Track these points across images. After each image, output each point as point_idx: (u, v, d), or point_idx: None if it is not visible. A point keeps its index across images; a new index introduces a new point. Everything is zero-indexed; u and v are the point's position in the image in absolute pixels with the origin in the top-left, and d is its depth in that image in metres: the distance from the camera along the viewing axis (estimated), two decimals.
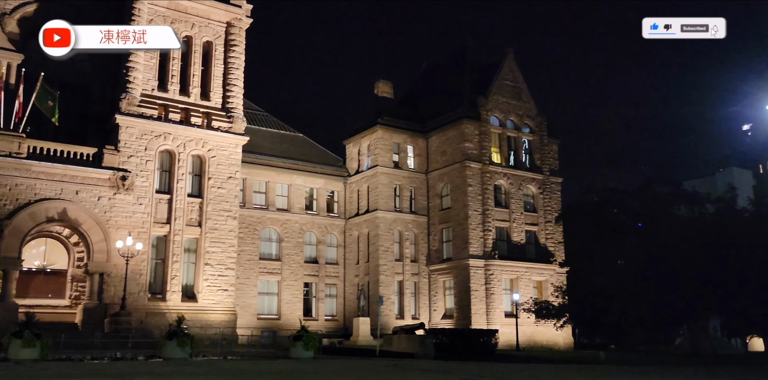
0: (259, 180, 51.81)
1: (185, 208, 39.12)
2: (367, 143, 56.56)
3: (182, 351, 25.21)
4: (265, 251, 51.20)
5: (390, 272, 52.68)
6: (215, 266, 39.31)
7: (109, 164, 36.57)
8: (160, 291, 37.74)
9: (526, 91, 58.05)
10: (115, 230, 35.94)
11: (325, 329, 48.58)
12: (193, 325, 30.22)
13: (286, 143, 55.96)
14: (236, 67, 42.46)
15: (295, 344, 27.84)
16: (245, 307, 46.88)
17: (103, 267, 35.39)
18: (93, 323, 33.81)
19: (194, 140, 39.98)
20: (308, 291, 52.88)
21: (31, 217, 33.99)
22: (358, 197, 56.07)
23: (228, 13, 42.63)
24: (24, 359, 21.85)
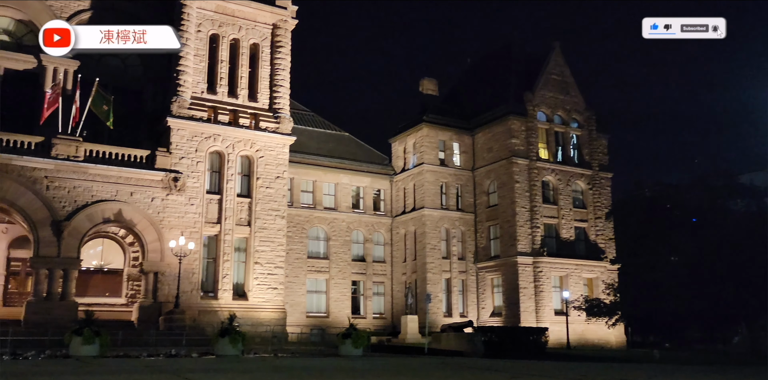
0: (307, 179, 52.34)
1: (235, 208, 39.83)
2: (413, 141, 56.54)
3: (234, 348, 25.69)
4: (313, 250, 51.73)
5: (437, 270, 52.60)
6: (265, 265, 39.92)
7: (161, 166, 37.49)
8: (212, 290, 38.53)
9: (573, 85, 57.14)
10: (168, 230, 36.84)
11: (373, 327, 48.82)
12: (244, 323, 30.78)
13: (332, 142, 56.39)
14: (282, 68, 42.98)
15: (344, 342, 28.05)
16: (294, 305, 47.48)
17: (157, 266, 36.33)
18: (148, 321, 34.74)
19: (243, 140, 40.65)
20: (356, 289, 53.22)
21: (88, 218, 35.12)
22: (404, 195, 56.12)
23: (274, 15, 43.17)
24: (84, 355, 22.60)
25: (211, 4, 41.15)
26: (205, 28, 41.04)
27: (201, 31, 40.80)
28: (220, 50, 41.37)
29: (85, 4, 39.65)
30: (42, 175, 34.34)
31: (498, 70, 58.92)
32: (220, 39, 41.52)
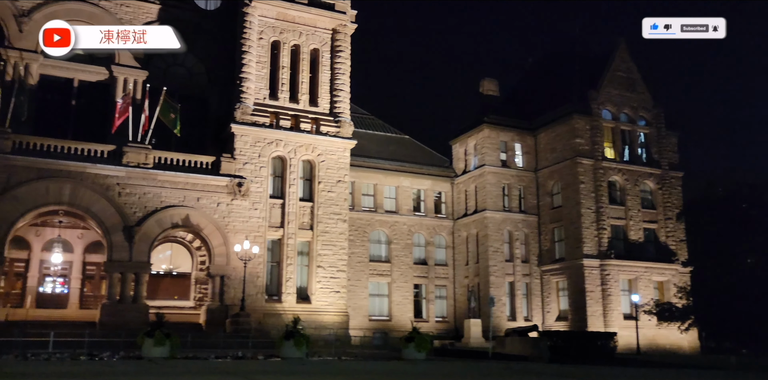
0: (367, 183, 52.54)
1: (297, 212, 40.33)
2: (474, 143, 56.04)
3: (299, 351, 25.94)
4: (375, 253, 51.85)
5: (500, 273, 51.90)
6: (327, 269, 40.25)
7: (226, 172, 38.34)
8: (276, 293, 39.09)
9: (640, 82, 55.47)
10: (233, 234, 37.61)
11: (435, 330, 48.55)
12: (308, 326, 31.02)
13: (392, 145, 56.46)
14: (342, 72, 43.32)
15: (407, 345, 27.95)
16: (357, 308, 47.68)
17: (223, 270, 37.13)
18: (215, 323, 35.54)
19: (304, 145, 41.14)
20: (418, 292, 53.04)
21: (158, 223, 36.22)
22: (465, 197, 55.66)
23: (333, 20, 43.59)
24: (156, 357, 23.23)
25: (272, 12, 41.89)
26: (267, 36, 41.78)
27: (263, 39, 41.56)
28: (281, 56, 42.05)
29: (152, 16, 40.98)
30: (114, 182, 35.65)
31: (560, 69, 57.79)
32: (281, 45, 42.19)
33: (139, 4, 40.83)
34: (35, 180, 34.00)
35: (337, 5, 43.88)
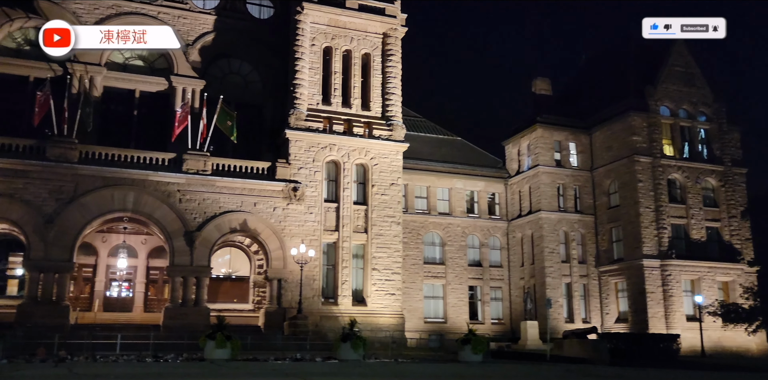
0: (420, 185, 52.61)
1: (351, 215, 40.74)
2: (527, 143, 55.48)
3: (356, 353, 26.20)
4: (429, 256, 51.85)
5: (557, 275, 51.21)
6: (382, 271, 40.52)
7: (281, 177, 39.05)
8: (332, 296, 39.56)
9: (699, 76, 53.91)
10: (289, 238, 38.27)
11: (491, 332, 48.24)
12: (364, 328, 31.33)
13: (444, 147, 56.41)
14: (393, 76, 43.58)
15: (464, 347, 27.88)
16: (412, 311, 47.77)
17: (280, 273, 37.81)
18: (274, 325, 36.22)
19: (357, 149, 41.55)
20: (473, 294, 52.79)
21: (217, 228, 37.18)
22: (519, 198, 55.14)
23: (384, 25, 43.90)
24: (217, 358, 23.84)
25: (323, 18, 42.48)
26: (319, 42, 42.39)
27: (315, 45, 42.18)
28: (333, 62, 42.59)
29: (208, 26, 42.10)
30: (175, 189, 36.78)
31: (615, 66, 56.69)
32: (333, 51, 42.74)
33: (195, 15, 42.02)
34: (101, 188, 35.38)
35: (388, 9, 44.15)
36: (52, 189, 34.60)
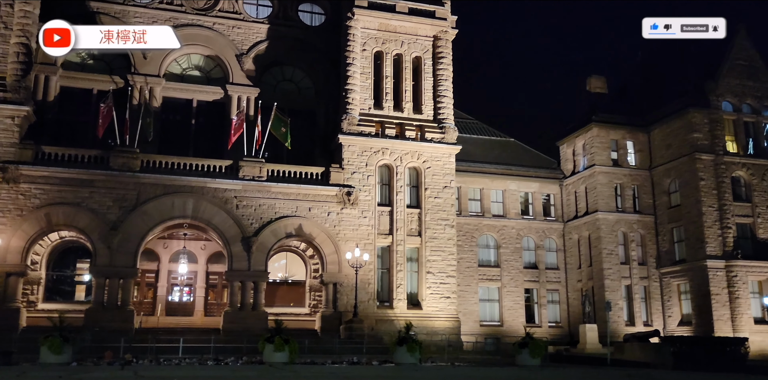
0: (474, 188, 52.28)
1: (405, 219, 40.83)
2: (582, 143, 54.52)
3: (412, 356, 26.23)
4: (484, 258, 51.46)
5: (616, 277, 50.09)
6: (436, 274, 40.45)
7: (335, 182, 39.47)
8: (387, 299, 39.71)
9: (764, 69, 51.94)
10: (343, 242, 38.63)
11: (549, 336, 47.49)
12: (419, 332, 31.35)
13: (497, 148, 55.95)
14: (445, 78, 43.52)
15: (521, 351, 27.57)
16: (467, 314, 47.47)
17: (335, 277, 38.18)
18: (330, 329, 36.58)
19: (410, 152, 41.64)
20: (529, 297, 52.11)
21: (273, 233, 37.82)
22: (575, 199, 54.20)
23: (434, 27, 43.91)
24: (276, 362, 24.24)
25: (374, 23, 42.78)
26: (370, 47, 42.70)
27: (366, 50, 42.51)
28: (384, 66, 42.84)
29: (261, 35, 42.95)
30: (232, 195, 37.61)
31: (673, 62, 55.16)
32: (383, 55, 43.00)
33: (249, 25, 42.93)
34: (162, 196, 36.48)
35: (438, 12, 44.14)
36: (116, 197, 35.86)
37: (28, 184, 34.78)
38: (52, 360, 22.37)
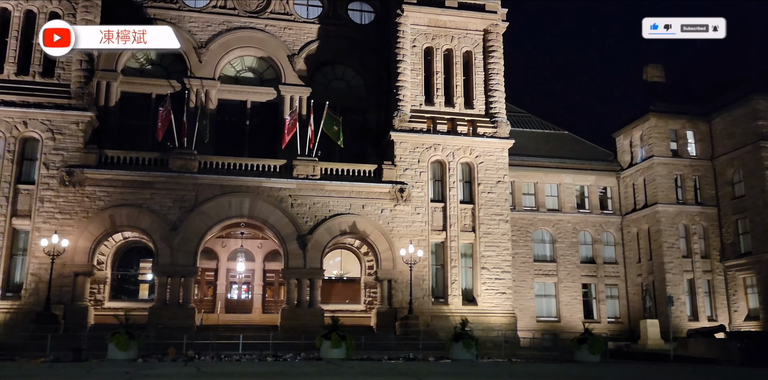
0: (528, 182, 51.70)
1: (458, 215, 40.68)
2: (639, 134, 53.19)
3: (468, 352, 26.20)
4: (539, 253, 50.85)
5: (677, 270, 48.75)
6: (491, 270, 40.20)
7: (388, 179, 39.62)
8: (442, 295, 39.67)
9: None
10: (397, 239, 38.76)
11: (608, 331, 46.49)
12: (475, 328, 31.18)
13: (551, 142, 55.13)
14: (496, 72, 43.11)
15: (580, 347, 27.22)
16: (523, 309, 47.01)
17: (390, 274, 38.37)
18: (385, 325, 36.79)
19: (462, 148, 41.45)
20: (587, 292, 51.20)
21: (327, 231, 38.26)
22: (633, 191, 52.95)
23: (484, 21, 43.51)
24: (333, 358, 24.57)
25: (423, 19, 42.69)
26: (420, 43, 42.64)
27: (416, 46, 42.47)
28: (434, 62, 42.71)
29: (312, 35, 43.39)
30: (287, 194, 38.20)
31: (735, 47, 53.18)
32: (434, 51, 42.87)
33: (300, 25, 43.44)
34: (219, 196, 37.34)
35: (488, 5, 43.72)
36: (176, 198, 36.88)
37: (92, 187, 36.13)
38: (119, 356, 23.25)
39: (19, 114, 36.13)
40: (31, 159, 36.55)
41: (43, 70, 37.40)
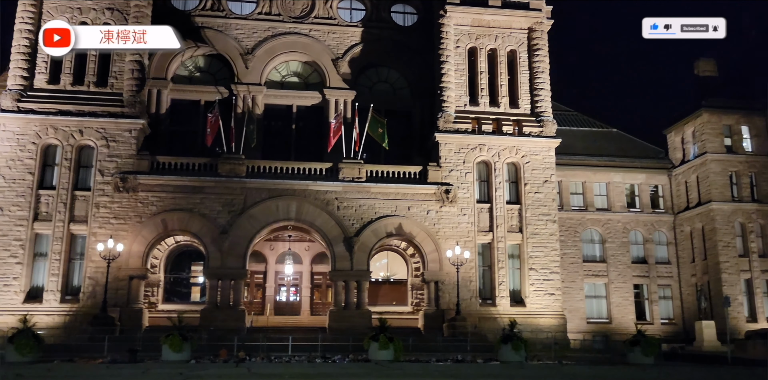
0: (575, 181, 50.95)
1: (505, 215, 40.36)
2: (692, 130, 51.87)
3: (517, 354, 26.02)
4: (588, 253, 50.02)
5: (734, 270, 47.32)
6: (539, 271, 39.74)
7: (433, 180, 39.57)
8: (490, 297, 39.39)
9: None
10: (443, 240, 38.66)
11: (662, 333, 45.48)
12: (523, 329, 30.91)
13: (599, 140, 54.20)
14: (541, 71, 42.63)
15: (633, 349, 26.77)
16: (573, 311, 46.31)
17: (436, 276, 38.29)
18: (433, 327, 36.71)
19: (507, 148, 41.11)
20: (639, 292, 50.11)
21: (374, 233, 38.42)
22: (686, 189, 51.63)
23: (528, 19, 43.09)
24: (381, 359, 24.72)
25: (467, 19, 42.51)
26: (463, 43, 42.48)
27: (459, 47, 42.32)
28: (478, 62, 42.50)
29: (355, 38, 43.66)
30: (333, 197, 38.53)
31: None
32: (477, 51, 42.66)
33: (343, 29, 43.74)
34: (267, 200, 37.88)
35: (532, 3, 43.25)
36: (225, 202, 37.59)
37: (145, 192, 37.12)
38: (173, 357, 23.88)
39: (75, 123, 37.38)
40: (86, 166, 37.71)
41: (97, 80, 38.60)
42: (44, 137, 37.11)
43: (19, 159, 36.65)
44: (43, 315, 33.85)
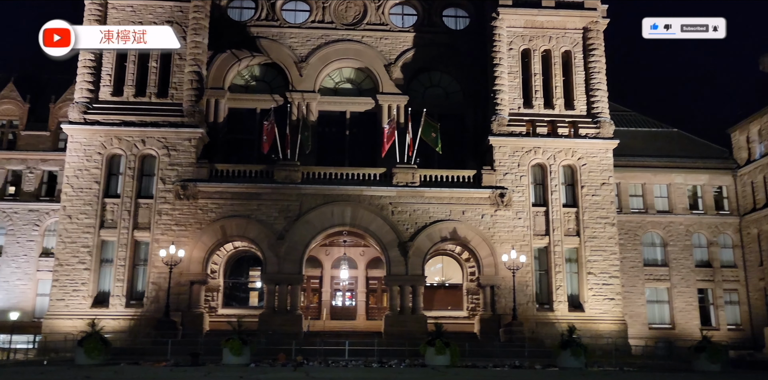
0: (635, 183, 49.71)
1: (561, 218, 39.75)
2: (758, 128, 49.99)
3: (577, 360, 25.57)
4: (649, 257, 48.66)
5: None
6: (598, 275, 38.98)
7: (487, 184, 39.33)
8: (547, 301, 38.84)
9: None
10: (499, 244, 38.35)
11: (728, 339, 43.87)
12: (582, 335, 30.32)
13: (659, 140, 52.76)
14: (597, 70, 41.89)
15: (698, 356, 25.98)
16: (634, 316, 45.14)
17: (492, 280, 38.00)
18: (489, 332, 36.44)
19: (563, 150, 40.53)
20: (703, 297, 48.44)
21: (428, 238, 38.41)
22: (752, 189, 49.74)
23: (583, 19, 42.40)
24: (437, 365, 24.68)
25: (519, 21, 42.15)
26: (516, 45, 42.12)
27: (512, 49, 41.98)
28: (532, 64, 42.07)
29: (407, 43, 43.82)
30: (387, 202, 38.71)
31: None
32: (531, 53, 42.23)
33: (395, 34, 43.97)
34: (322, 205, 38.36)
35: (586, 3, 42.49)
36: (281, 208, 38.24)
37: (205, 199, 38.11)
38: (233, 361, 24.41)
39: (138, 133, 38.71)
40: (149, 175, 39.01)
41: (158, 91, 39.87)
42: (109, 147, 38.57)
43: (86, 169, 38.17)
44: (109, 319, 35.08)
